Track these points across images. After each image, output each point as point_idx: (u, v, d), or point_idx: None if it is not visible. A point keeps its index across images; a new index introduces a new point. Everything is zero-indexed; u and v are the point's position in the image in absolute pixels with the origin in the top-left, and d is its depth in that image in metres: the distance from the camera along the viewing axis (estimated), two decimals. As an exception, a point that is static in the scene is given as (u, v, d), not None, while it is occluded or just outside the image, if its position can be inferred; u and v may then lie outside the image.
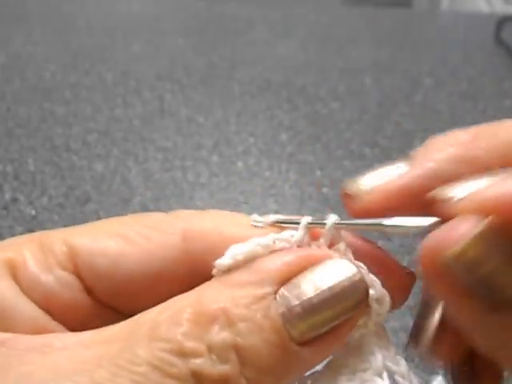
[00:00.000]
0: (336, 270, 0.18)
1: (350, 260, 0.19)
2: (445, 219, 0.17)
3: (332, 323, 0.17)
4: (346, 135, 0.71)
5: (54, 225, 0.55)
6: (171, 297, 0.19)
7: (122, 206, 0.58)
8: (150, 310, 0.18)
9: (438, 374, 0.42)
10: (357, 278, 0.18)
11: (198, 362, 0.16)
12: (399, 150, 0.68)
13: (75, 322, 0.20)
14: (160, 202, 0.59)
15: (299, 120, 0.75)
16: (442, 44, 1.00)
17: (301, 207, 0.59)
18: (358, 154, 0.68)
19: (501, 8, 1.44)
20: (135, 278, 0.20)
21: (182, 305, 0.17)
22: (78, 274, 0.20)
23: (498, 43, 0.98)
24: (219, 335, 0.17)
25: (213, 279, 0.19)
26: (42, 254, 0.20)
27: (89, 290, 0.20)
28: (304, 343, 0.17)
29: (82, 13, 1.08)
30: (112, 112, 0.75)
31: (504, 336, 0.17)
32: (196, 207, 0.58)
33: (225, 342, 0.17)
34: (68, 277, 0.20)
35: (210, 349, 0.16)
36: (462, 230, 0.16)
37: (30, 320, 0.19)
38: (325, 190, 0.61)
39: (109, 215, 0.57)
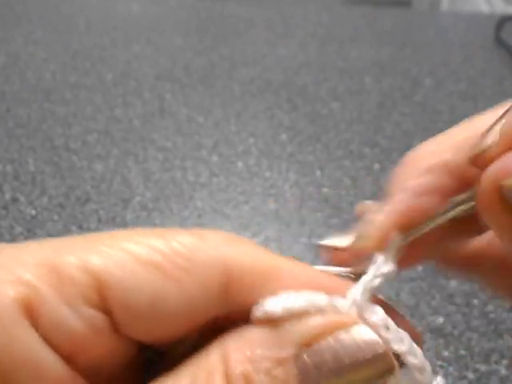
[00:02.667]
0: (360, 342, 0.17)
1: (390, 327, 0.18)
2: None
3: None
4: (345, 135, 0.71)
5: (54, 225, 0.55)
6: (202, 324, 0.18)
7: (122, 206, 0.58)
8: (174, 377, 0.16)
9: (437, 374, 0.42)
10: (381, 351, 0.17)
11: None
12: (399, 149, 0.68)
13: (99, 362, 0.17)
14: (160, 202, 0.59)
15: (299, 120, 0.75)
16: (442, 44, 1.00)
17: (301, 207, 0.59)
18: (358, 154, 0.68)
19: (501, 8, 1.44)
20: (173, 317, 0.17)
21: (209, 369, 0.16)
22: (106, 309, 0.17)
23: (498, 43, 0.98)
24: None
25: (237, 331, 0.17)
26: (61, 285, 0.16)
27: (116, 327, 0.17)
28: None
29: (82, 13, 1.08)
30: (112, 112, 0.75)
31: None
32: (196, 207, 0.58)
33: None
34: (96, 315, 0.16)
35: None
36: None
37: (55, 376, 0.16)
38: (325, 190, 0.61)
39: (109, 215, 0.57)
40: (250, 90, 0.82)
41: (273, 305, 0.17)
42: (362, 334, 0.17)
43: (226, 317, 0.18)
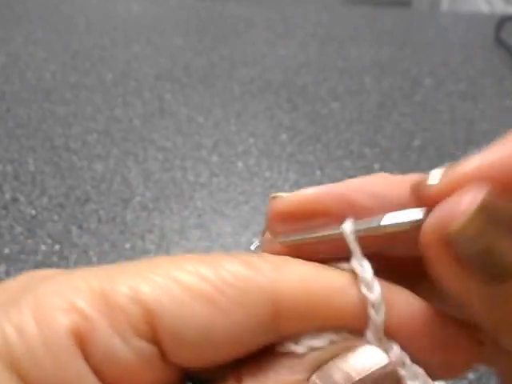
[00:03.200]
0: (368, 360, 0.17)
1: (406, 362, 0.18)
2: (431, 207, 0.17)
3: None
4: (345, 135, 0.71)
5: (54, 225, 0.55)
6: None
7: (122, 206, 0.58)
8: None
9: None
10: (389, 369, 0.17)
11: None
12: (399, 149, 0.68)
13: None
14: (160, 202, 0.59)
15: (299, 120, 0.75)
16: (442, 44, 1.00)
17: (301, 207, 0.59)
18: (358, 153, 0.68)
19: (501, 8, 1.44)
20: (222, 347, 0.17)
21: None
22: (155, 340, 0.16)
23: (498, 43, 0.98)
24: None
25: (253, 359, 0.17)
26: (112, 315, 0.16)
27: (164, 357, 0.17)
28: None
29: (82, 13, 1.08)
30: (112, 112, 0.75)
31: (505, 309, 0.17)
32: (196, 207, 0.58)
33: None
34: (145, 346, 0.16)
35: None
36: (464, 204, 0.16)
37: None
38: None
39: (109, 215, 0.57)
40: (250, 90, 0.82)
41: (295, 346, 0.17)
42: (369, 352, 0.17)
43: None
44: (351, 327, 0.18)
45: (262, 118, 0.75)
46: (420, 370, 0.18)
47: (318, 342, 0.17)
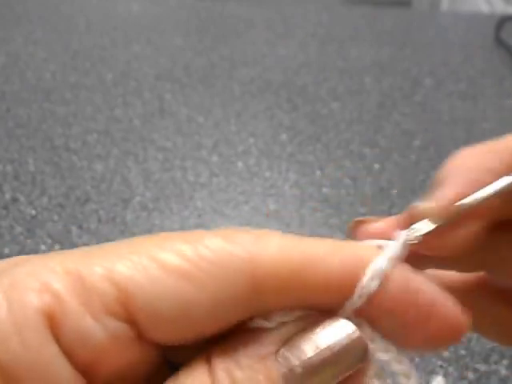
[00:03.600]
0: (335, 329, 0.17)
1: (376, 338, 0.18)
2: None
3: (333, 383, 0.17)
4: (345, 135, 0.71)
5: (54, 225, 0.55)
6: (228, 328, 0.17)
7: (122, 206, 0.58)
8: None
9: (437, 374, 0.42)
10: (355, 335, 0.17)
11: None
12: (399, 149, 0.68)
13: (117, 374, 0.17)
14: (160, 202, 0.59)
15: (299, 120, 0.75)
16: (442, 44, 1.00)
17: (301, 207, 0.59)
18: (358, 154, 0.68)
19: (501, 8, 1.44)
20: (201, 322, 0.17)
21: (193, 371, 0.16)
22: (131, 320, 0.16)
23: (498, 43, 0.98)
24: None
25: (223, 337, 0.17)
26: (85, 295, 0.16)
27: (140, 336, 0.17)
28: None
29: (82, 13, 1.08)
30: (112, 112, 0.75)
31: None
32: (196, 207, 0.58)
33: None
34: (120, 325, 0.16)
35: None
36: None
37: None
38: (325, 190, 0.61)
39: (109, 215, 0.57)
40: (250, 90, 0.82)
41: (263, 321, 0.18)
42: (338, 324, 0.17)
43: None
44: (330, 300, 0.18)
45: (262, 118, 0.75)
46: (391, 346, 0.18)
47: (289, 318, 0.18)
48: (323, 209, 0.58)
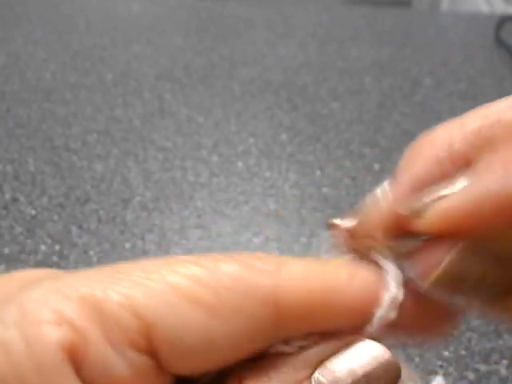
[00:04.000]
0: (369, 353, 0.17)
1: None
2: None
3: None
4: (345, 135, 0.71)
5: (54, 225, 0.55)
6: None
7: (122, 206, 0.58)
8: None
9: (437, 373, 0.42)
10: (391, 361, 0.17)
11: None
12: (399, 149, 0.68)
13: None
14: (160, 202, 0.59)
15: (299, 120, 0.75)
16: (442, 44, 1.00)
17: (301, 207, 0.59)
18: (358, 154, 0.68)
19: (501, 8, 1.44)
20: (222, 353, 0.16)
21: None
22: (151, 351, 0.16)
23: (498, 43, 0.98)
24: None
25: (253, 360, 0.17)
26: (106, 326, 0.15)
27: (160, 367, 0.16)
28: None
29: (82, 13, 1.08)
30: (112, 112, 0.75)
31: None
32: (196, 207, 0.58)
33: None
34: (142, 359, 0.15)
35: None
36: (438, 256, 0.16)
37: None
38: (325, 189, 0.61)
39: (109, 215, 0.57)
40: (250, 90, 0.82)
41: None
42: (369, 346, 0.17)
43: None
44: (347, 324, 0.17)
45: (262, 118, 0.75)
46: (414, 374, 0.18)
47: (308, 342, 0.17)
48: (323, 209, 0.58)
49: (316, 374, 0.17)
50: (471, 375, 0.42)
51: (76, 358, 0.14)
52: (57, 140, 0.69)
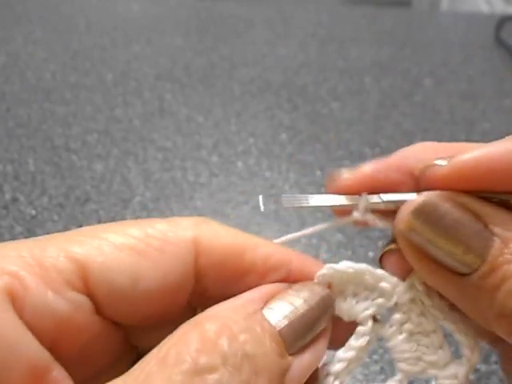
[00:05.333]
0: (302, 289, 0.20)
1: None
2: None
3: (313, 332, 0.19)
4: (345, 135, 0.71)
5: (54, 225, 0.55)
6: (178, 309, 0.19)
7: (122, 206, 0.58)
8: (150, 352, 0.17)
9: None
10: (324, 293, 0.20)
11: (215, 378, 0.16)
12: (399, 149, 0.68)
13: (82, 348, 0.18)
14: (160, 202, 0.59)
15: (299, 120, 0.75)
16: (442, 44, 1.00)
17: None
18: (358, 154, 0.68)
19: (501, 8, 1.44)
20: (153, 293, 0.19)
21: (183, 331, 0.17)
22: (89, 293, 0.18)
23: (498, 43, 0.98)
24: (230, 347, 0.16)
25: (204, 311, 0.19)
26: (44, 273, 0.17)
27: (100, 310, 0.19)
28: (293, 353, 0.18)
29: (82, 13, 1.08)
30: (112, 112, 0.75)
31: (479, 302, 0.19)
32: (196, 207, 0.58)
33: (237, 352, 0.16)
34: (80, 298, 0.18)
35: (225, 361, 0.16)
36: (409, 207, 0.19)
37: (32, 359, 0.16)
38: (325, 189, 0.61)
39: (109, 215, 0.57)
40: (250, 90, 0.82)
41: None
42: (303, 283, 0.21)
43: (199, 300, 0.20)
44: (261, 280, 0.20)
45: (262, 118, 0.75)
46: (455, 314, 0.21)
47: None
48: (323, 209, 0.58)
49: (265, 308, 0.19)
50: (471, 375, 0.42)
51: (17, 302, 0.17)
52: (57, 140, 0.69)
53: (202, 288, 0.20)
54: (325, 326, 0.20)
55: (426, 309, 0.21)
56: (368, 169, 0.22)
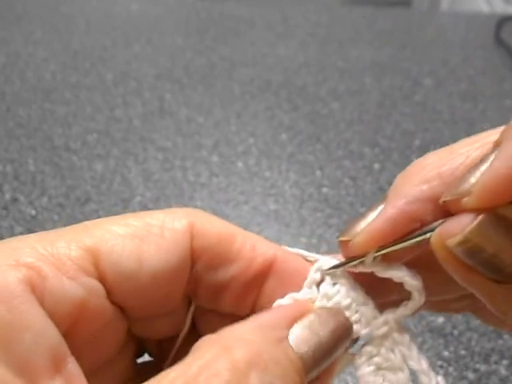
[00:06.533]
0: (328, 317, 0.20)
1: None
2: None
3: (330, 361, 0.20)
4: (345, 135, 0.71)
5: (54, 225, 0.55)
6: (178, 297, 0.21)
7: (122, 206, 0.58)
8: (170, 371, 0.17)
9: (437, 374, 0.42)
10: (343, 317, 0.21)
11: None
12: (399, 149, 0.68)
13: (94, 334, 0.19)
14: (160, 202, 0.59)
15: (299, 120, 0.75)
16: (442, 44, 1.00)
17: (301, 207, 0.59)
18: (358, 153, 0.68)
19: (501, 8, 1.44)
20: (157, 275, 0.20)
21: (211, 356, 0.17)
22: (101, 278, 0.19)
23: (498, 43, 0.98)
24: (261, 381, 0.17)
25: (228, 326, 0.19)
26: (59, 261, 0.18)
27: (110, 295, 0.20)
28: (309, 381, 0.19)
29: (82, 13, 1.08)
30: (112, 112, 0.75)
31: (509, 304, 0.19)
32: (196, 207, 0.58)
33: None
34: (94, 283, 0.19)
35: None
36: (464, 222, 0.18)
37: (53, 345, 0.17)
38: (325, 189, 0.61)
39: (109, 215, 0.57)
40: (250, 90, 0.82)
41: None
42: (328, 310, 0.21)
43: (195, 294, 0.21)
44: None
45: (262, 117, 0.75)
46: (429, 371, 0.21)
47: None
48: (323, 209, 0.58)
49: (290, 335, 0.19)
50: (471, 375, 0.42)
51: (37, 291, 0.17)
52: (57, 140, 0.69)
53: (196, 274, 0.21)
54: (340, 354, 0.20)
55: (396, 346, 0.21)
56: (378, 227, 0.21)
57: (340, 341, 0.20)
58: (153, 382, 0.16)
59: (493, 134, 0.20)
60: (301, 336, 0.19)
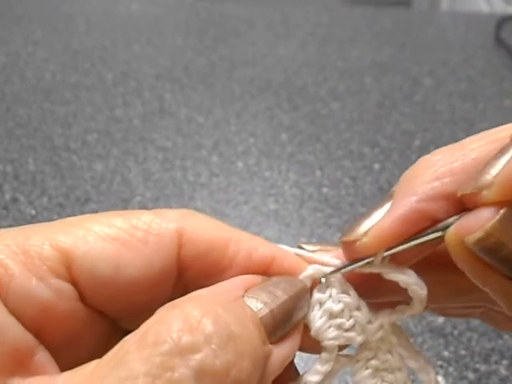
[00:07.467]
0: (283, 280, 0.20)
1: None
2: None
3: (291, 323, 0.19)
4: (345, 135, 0.71)
5: (54, 225, 0.55)
6: (162, 301, 0.19)
7: (122, 206, 0.58)
8: (130, 334, 0.16)
9: (437, 374, 0.42)
10: (302, 285, 0.20)
11: (199, 358, 0.15)
12: (399, 150, 0.68)
13: (67, 335, 0.18)
14: (160, 202, 0.59)
15: (299, 120, 0.75)
16: (442, 44, 1.00)
17: (301, 207, 0.59)
18: (358, 153, 0.68)
19: (501, 8, 1.44)
20: (135, 283, 0.19)
21: (163, 312, 0.17)
22: (73, 281, 0.18)
23: (498, 43, 0.98)
24: (215, 326, 0.16)
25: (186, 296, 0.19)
26: (29, 261, 0.18)
27: (84, 298, 0.19)
28: (272, 342, 0.18)
29: (82, 13, 1.08)
30: (112, 112, 0.75)
31: None
32: (196, 207, 0.58)
33: (222, 331, 0.16)
34: (64, 285, 0.18)
35: (209, 340, 0.16)
36: (483, 217, 0.17)
37: (17, 343, 0.17)
38: (325, 189, 0.61)
39: (109, 215, 0.57)
40: (250, 90, 0.82)
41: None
42: (283, 276, 0.21)
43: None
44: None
45: (262, 118, 0.75)
46: (427, 365, 0.21)
47: None
48: (323, 209, 0.58)
49: (245, 294, 0.19)
50: (471, 375, 0.42)
51: (1, 289, 0.17)
52: (57, 140, 0.69)
53: (185, 281, 0.20)
54: (301, 317, 0.20)
55: (393, 347, 0.21)
56: (388, 227, 0.20)
57: (297, 299, 0.20)
58: (109, 352, 0.16)
59: (503, 130, 0.20)
60: (256, 295, 0.19)
